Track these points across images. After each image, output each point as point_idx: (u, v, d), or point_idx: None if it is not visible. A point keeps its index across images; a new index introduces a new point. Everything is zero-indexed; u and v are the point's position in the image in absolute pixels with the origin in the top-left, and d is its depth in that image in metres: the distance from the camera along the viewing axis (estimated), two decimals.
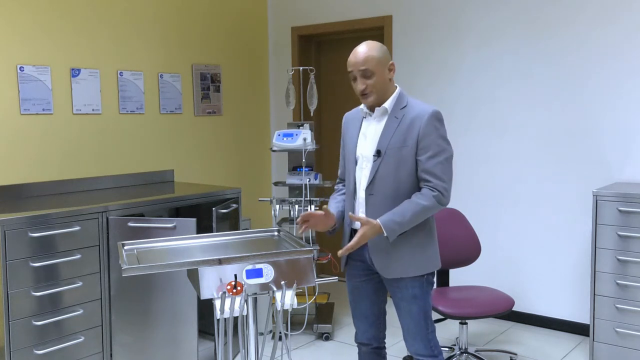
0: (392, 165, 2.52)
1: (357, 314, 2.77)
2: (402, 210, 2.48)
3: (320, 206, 4.18)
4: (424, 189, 2.50)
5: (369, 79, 2.52)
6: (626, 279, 3.59)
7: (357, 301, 2.75)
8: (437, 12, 4.67)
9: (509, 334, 4.31)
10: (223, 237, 2.70)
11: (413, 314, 2.61)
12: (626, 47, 3.95)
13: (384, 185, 2.53)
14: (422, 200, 2.47)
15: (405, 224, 2.48)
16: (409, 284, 2.58)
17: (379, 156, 2.53)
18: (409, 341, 2.66)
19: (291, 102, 4.39)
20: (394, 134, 2.52)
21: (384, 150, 2.53)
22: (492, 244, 4.54)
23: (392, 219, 2.47)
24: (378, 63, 2.52)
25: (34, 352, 3.16)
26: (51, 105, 3.99)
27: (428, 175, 2.49)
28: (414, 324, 2.62)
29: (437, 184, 2.48)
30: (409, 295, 2.59)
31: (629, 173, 4.00)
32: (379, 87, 2.54)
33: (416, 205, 2.47)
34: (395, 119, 2.55)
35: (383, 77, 2.54)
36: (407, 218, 2.47)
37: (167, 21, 4.71)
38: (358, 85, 2.55)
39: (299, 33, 5.45)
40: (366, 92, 2.54)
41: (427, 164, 2.48)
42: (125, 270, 2.16)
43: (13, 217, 3.07)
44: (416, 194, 2.50)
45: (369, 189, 2.56)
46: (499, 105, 4.46)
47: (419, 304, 2.60)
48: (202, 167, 5.06)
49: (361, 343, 2.81)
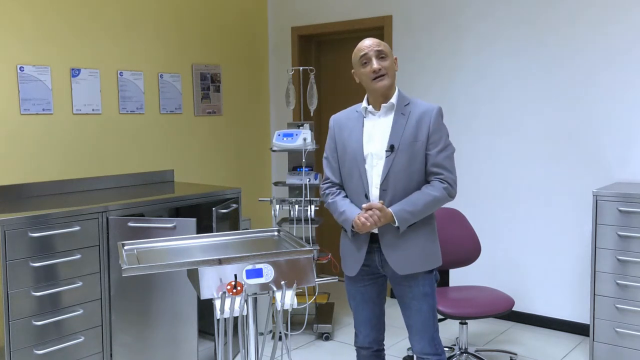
0: (404, 160, 2.54)
1: (361, 318, 2.75)
2: (414, 200, 2.52)
3: (319, 206, 4.19)
4: (434, 181, 2.55)
5: (384, 61, 2.55)
6: (626, 279, 3.59)
7: (361, 306, 2.73)
8: (437, 12, 4.67)
9: (509, 334, 4.31)
10: (223, 237, 2.70)
11: (423, 312, 2.61)
12: (626, 47, 3.95)
13: (397, 180, 2.55)
14: (433, 191, 2.53)
15: (417, 214, 2.52)
16: (421, 281, 2.59)
17: (392, 151, 2.54)
18: (416, 339, 2.65)
19: (291, 102, 4.39)
20: (404, 130, 2.55)
21: (397, 145, 2.54)
22: (492, 244, 4.55)
23: (404, 209, 2.51)
24: (389, 50, 2.60)
25: (34, 352, 3.16)
26: (51, 105, 3.99)
27: (438, 168, 2.55)
28: (422, 323, 2.62)
29: (447, 176, 2.55)
30: (420, 293, 2.60)
31: (629, 173, 4.00)
32: (392, 73, 2.57)
33: (427, 195, 2.52)
34: (402, 115, 2.57)
35: (393, 66, 2.60)
36: (419, 208, 2.51)
37: (167, 21, 4.71)
38: (373, 65, 2.53)
39: (299, 33, 5.45)
40: (382, 73, 2.54)
41: (438, 158, 2.54)
42: (125, 270, 2.16)
43: (13, 217, 3.07)
44: (426, 186, 2.55)
45: (384, 185, 2.55)
46: (499, 105, 4.46)
47: (429, 302, 2.62)
48: (202, 167, 5.06)
49: (362, 347, 2.80)
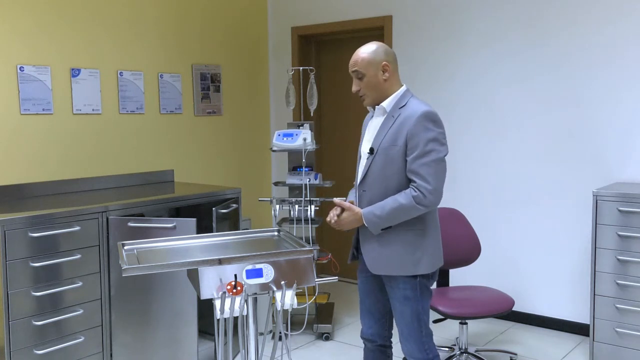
0: (380, 163, 2.58)
1: (363, 308, 2.81)
2: (382, 205, 2.55)
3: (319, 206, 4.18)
4: (408, 189, 2.53)
5: (361, 81, 2.62)
6: (626, 279, 3.59)
7: (364, 296, 2.80)
8: (437, 13, 4.67)
9: (509, 334, 4.31)
10: (223, 237, 2.70)
11: (405, 316, 2.62)
12: (626, 48, 3.95)
13: (373, 183, 2.60)
14: (401, 198, 2.51)
15: (384, 218, 2.53)
16: (401, 284, 2.60)
17: (372, 154, 2.60)
18: (403, 342, 2.68)
19: (291, 102, 4.39)
20: (386, 133, 2.58)
21: (376, 148, 2.59)
22: (492, 244, 4.55)
23: (372, 211, 2.55)
24: (368, 64, 2.58)
25: (34, 352, 3.16)
26: (51, 105, 3.99)
27: (413, 175, 2.52)
28: (406, 326, 2.63)
29: (419, 184, 2.49)
30: (400, 295, 2.61)
31: (629, 173, 4.00)
32: (370, 88, 2.60)
33: (394, 202, 2.52)
34: (392, 117, 2.60)
35: (376, 78, 2.59)
36: (385, 212, 2.52)
37: (167, 21, 4.71)
38: (353, 87, 2.66)
39: (299, 33, 5.45)
40: (360, 94, 2.65)
41: (413, 165, 2.51)
42: (125, 270, 2.16)
43: (13, 217, 3.07)
44: (400, 192, 2.54)
45: (362, 186, 2.65)
46: (499, 106, 4.46)
47: (411, 306, 2.60)
48: (202, 167, 5.06)
49: (366, 339, 2.83)
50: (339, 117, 5.51)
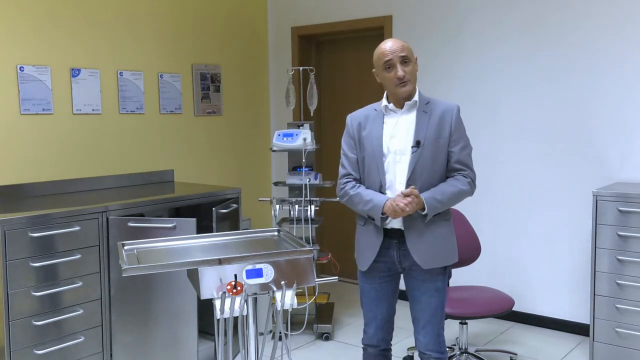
0: (429, 156, 2.58)
1: (372, 316, 2.74)
2: (442, 190, 2.57)
3: (319, 206, 4.18)
4: (459, 176, 2.60)
5: (407, 66, 2.58)
6: (626, 279, 3.59)
7: (378, 302, 2.72)
8: (437, 13, 4.67)
9: (509, 334, 4.31)
10: (223, 237, 2.70)
11: (431, 307, 2.63)
12: (627, 49, 3.95)
13: (423, 175, 2.58)
14: (460, 184, 2.59)
15: (445, 203, 2.56)
16: (436, 276, 2.63)
17: (419, 147, 2.58)
18: (422, 334, 2.66)
19: (291, 102, 4.39)
20: (428, 126, 2.59)
21: (423, 141, 2.58)
22: (492, 244, 4.54)
23: (434, 197, 2.55)
24: (412, 53, 2.62)
25: (34, 352, 3.16)
26: (51, 105, 3.99)
27: (461, 165, 2.62)
28: (429, 317, 2.64)
29: (469, 173, 2.63)
30: (432, 287, 2.63)
31: (629, 173, 4.00)
32: (414, 77, 2.62)
33: (454, 187, 2.58)
34: (424, 113, 2.61)
35: (415, 68, 2.63)
36: (447, 197, 2.56)
37: (167, 21, 4.71)
38: (398, 71, 2.55)
39: (299, 33, 5.45)
40: (406, 80, 2.57)
41: (461, 155, 2.61)
42: (125, 270, 2.16)
43: (13, 217, 3.07)
44: (452, 179, 2.61)
45: (410, 180, 2.58)
46: (499, 106, 4.46)
47: (439, 297, 2.64)
48: (202, 167, 5.06)
49: (369, 345, 2.79)
50: (339, 117, 5.50)
